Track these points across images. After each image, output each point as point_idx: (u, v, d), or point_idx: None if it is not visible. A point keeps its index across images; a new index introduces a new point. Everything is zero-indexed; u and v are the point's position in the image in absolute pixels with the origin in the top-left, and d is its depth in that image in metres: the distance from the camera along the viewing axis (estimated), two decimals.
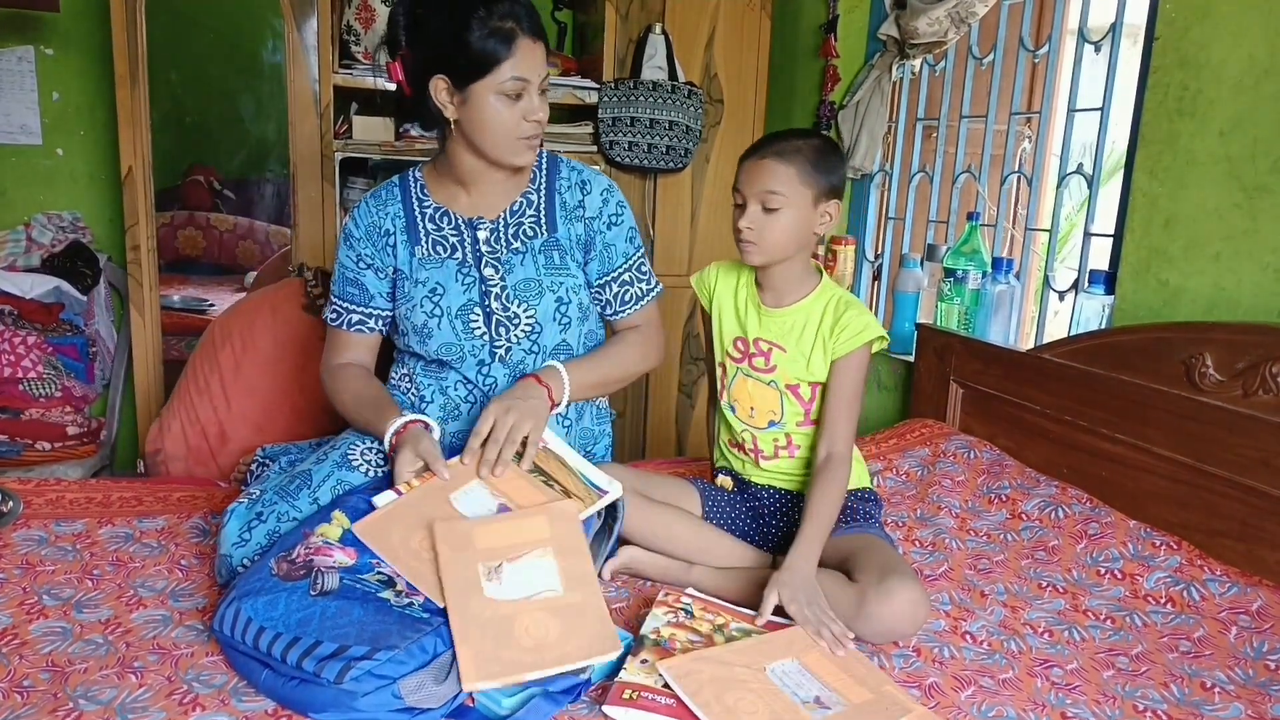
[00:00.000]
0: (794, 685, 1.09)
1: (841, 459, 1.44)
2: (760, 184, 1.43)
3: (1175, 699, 1.19)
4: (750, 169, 1.46)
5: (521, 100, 1.43)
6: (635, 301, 1.64)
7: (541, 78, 1.44)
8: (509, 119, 1.43)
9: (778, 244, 1.46)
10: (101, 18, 2.65)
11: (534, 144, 1.48)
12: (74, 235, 2.85)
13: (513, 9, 1.39)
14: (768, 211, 1.44)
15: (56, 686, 1.05)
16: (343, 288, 1.60)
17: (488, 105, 1.42)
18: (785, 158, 1.43)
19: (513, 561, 1.15)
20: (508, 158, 1.48)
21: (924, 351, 2.27)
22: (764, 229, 1.44)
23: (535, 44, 1.41)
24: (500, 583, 1.12)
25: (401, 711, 1.01)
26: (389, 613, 1.09)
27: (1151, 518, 1.63)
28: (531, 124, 1.45)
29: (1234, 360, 1.56)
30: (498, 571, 1.13)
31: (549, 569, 1.16)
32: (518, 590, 1.12)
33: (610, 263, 1.61)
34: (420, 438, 1.37)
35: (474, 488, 1.32)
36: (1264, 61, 1.60)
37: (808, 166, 1.43)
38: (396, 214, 1.57)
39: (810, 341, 1.50)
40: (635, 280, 1.63)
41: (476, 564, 1.13)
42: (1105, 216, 2.02)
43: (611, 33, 2.88)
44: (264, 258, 3.33)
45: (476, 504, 1.29)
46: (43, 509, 1.53)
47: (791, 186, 1.43)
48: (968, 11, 2.23)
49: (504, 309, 1.54)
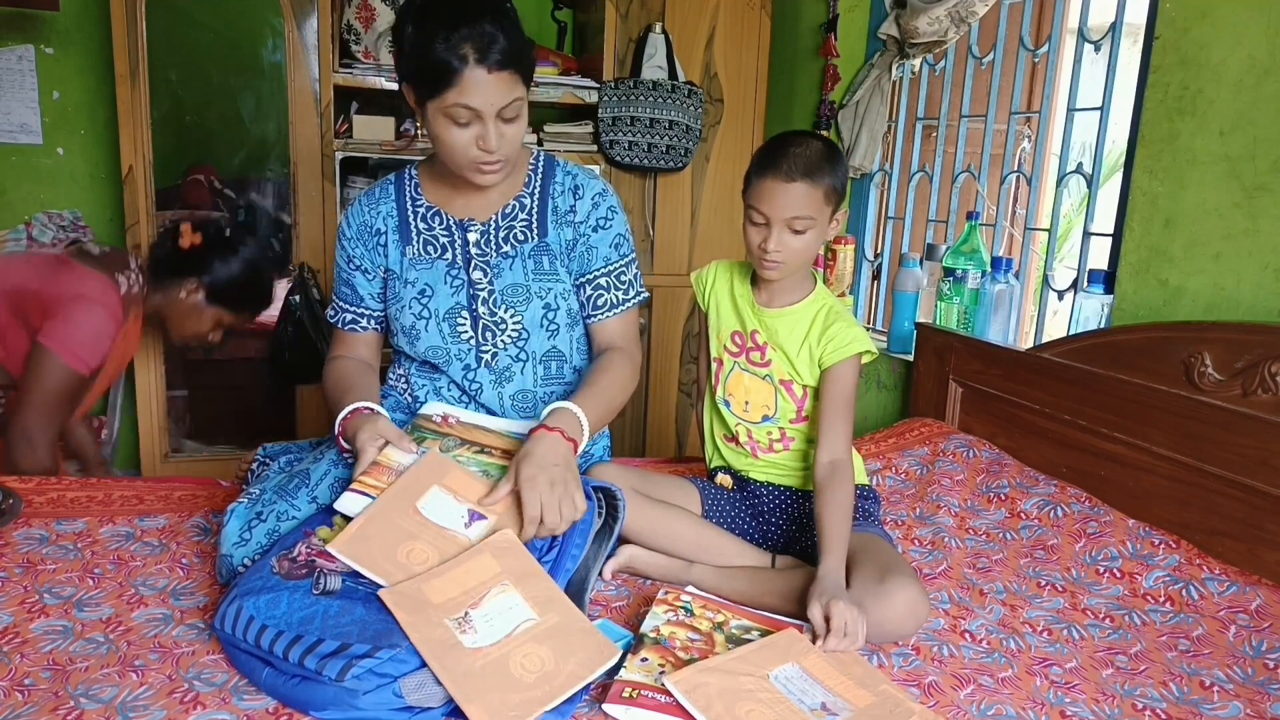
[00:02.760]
0: (799, 692, 1.09)
1: (845, 465, 1.44)
2: (792, 209, 1.41)
3: (1174, 697, 1.19)
4: (779, 192, 1.41)
5: (471, 127, 1.37)
6: (609, 308, 1.58)
7: (500, 107, 1.36)
8: (459, 142, 1.38)
9: (804, 261, 1.47)
10: (101, 17, 2.65)
11: (488, 170, 1.42)
12: (74, 234, 2.85)
13: (474, 34, 1.32)
14: (795, 234, 1.43)
15: (58, 685, 1.05)
16: (338, 287, 1.61)
17: (438, 124, 1.38)
18: (815, 179, 1.40)
19: (477, 607, 1.12)
20: (463, 175, 1.44)
21: (923, 351, 2.27)
22: (790, 250, 1.44)
23: (493, 74, 1.33)
24: (475, 631, 1.08)
25: (402, 710, 1.01)
26: (390, 611, 1.09)
27: (1151, 517, 1.63)
28: (482, 152, 1.39)
29: (1234, 360, 1.56)
30: (467, 621, 1.10)
31: (515, 602, 1.13)
32: (496, 632, 1.09)
33: (588, 264, 1.56)
34: (375, 419, 1.36)
35: (434, 495, 1.29)
36: (1264, 61, 1.60)
37: (832, 184, 1.42)
38: (389, 212, 1.56)
39: (798, 347, 1.51)
40: (612, 287, 1.58)
41: (443, 620, 1.09)
42: (1105, 216, 2.02)
43: (611, 32, 2.88)
44: None
45: (445, 512, 1.27)
46: (44, 508, 1.53)
47: (819, 207, 1.42)
48: (968, 11, 2.23)
49: (491, 314, 1.53)
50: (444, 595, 1.12)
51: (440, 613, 1.10)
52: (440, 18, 1.34)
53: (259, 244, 2.34)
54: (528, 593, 1.15)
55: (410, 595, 1.12)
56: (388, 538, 1.21)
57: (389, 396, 1.63)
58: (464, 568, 1.17)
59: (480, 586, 1.15)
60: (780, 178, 1.40)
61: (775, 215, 1.41)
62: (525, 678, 1.03)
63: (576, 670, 1.05)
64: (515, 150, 1.44)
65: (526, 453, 1.29)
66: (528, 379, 1.57)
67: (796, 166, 1.40)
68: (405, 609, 1.09)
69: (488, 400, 1.56)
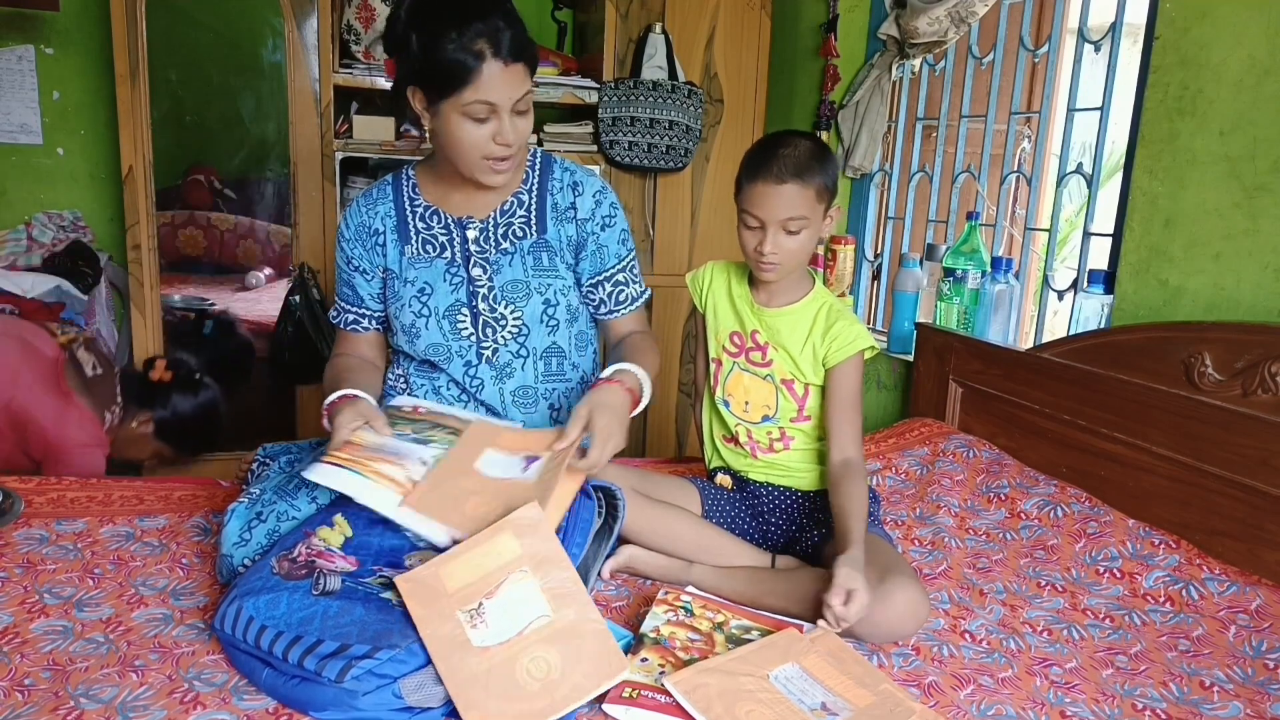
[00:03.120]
0: (799, 692, 1.09)
1: (858, 463, 1.44)
2: (784, 211, 1.40)
3: (1174, 697, 1.19)
4: (770, 194, 1.40)
5: (489, 123, 1.39)
6: (630, 302, 1.63)
7: (515, 100, 1.39)
8: (476, 139, 1.40)
9: (800, 261, 1.47)
10: (101, 17, 2.65)
11: (502, 166, 1.44)
12: (75, 234, 2.86)
13: (487, 29, 1.34)
14: (789, 234, 1.43)
15: (58, 685, 1.05)
16: (339, 288, 1.63)
17: (454, 123, 1.39)
18: (805, 180, 1.40)
19: (491, 598, 1.10)
20: (475, 175, 1.45)
21: (923, 351, 2.27)
22: (786, 251, 1.44)
23: (509, 67, 1.36)
24: (486, 625, 1.07)
25: (402, 711, 1.01)
26: (390, 612, 1.09)
27: (1151, 517, 1.63)
28: (499, 146, 1.41)
29: (1233, 360, 1.56)
30: (479, 614, 1.08)
31: (531, 592, 1.11)
32: (507, 629, 1.07)
33: (603, 263, 1.59)
34: (357, 402, 1.39)
35: (488, 456, 1.34)
36: (1264, 61, 1.60)
37: (823, 182, 1.42)
38: (387, 213, 1.57)
39: (800, 346, 1.51)
40: (630, 281, 1.63)
41: (455, 613, 1.07)
42: (1105, 216, 2.02)
43: (611, 32, 2.88)
44: (265, 257, 3.33)
45: (501, 467, 1.32)
46: (44, 508, 1.53)
47: (811, 206, 1.42)
48: (968, 11, 2.23)
49: (491, 310, 1.54)
50: (460, 581, 1.11)
51: (454, 603, 1.08)
52: (444, 18, 1.35)
53: (219, 392, 2.41)
54: (545, 582, 1.12)
55: (426, 583, 1.11)
56: (453, 495, 1.25)
57: (388, 396, 1.63)
58: (483, 548, 1.15)
59: (499, 571, 1.13)
60: (771, 180, 1.40)
61: (769, 218, 1.41)
62: (529, 685, 1.02)
63: (581, 683, 1.04)
64: (524, 145, 1.46)
65: (598, 403, 1.35)
66: (528, 374, 1.57)
67: (786, 168, 1.40)
68: (419, 600, 1.08)
69: (489, 397, 1.57)
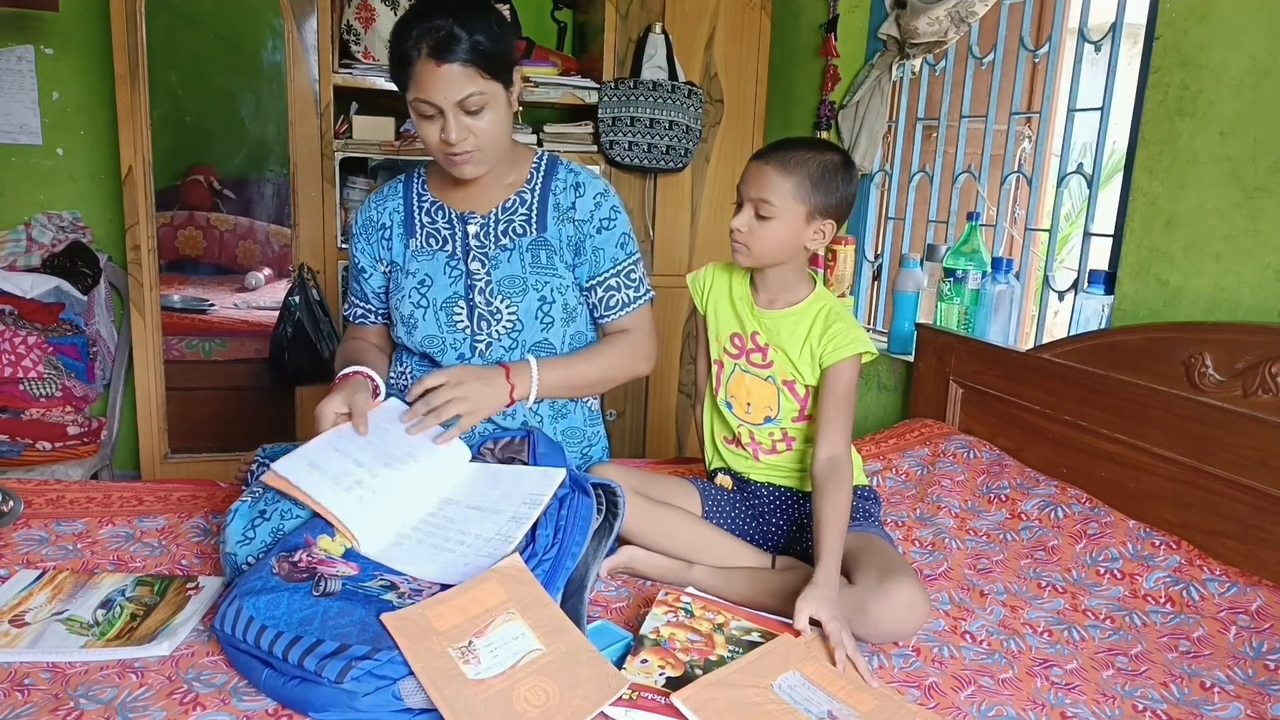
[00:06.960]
0: (804, 701, 1.08)
1: (843, 461, 1.43)
2: (757, 190, 1.43)
3: (1175, 699, 1.19)
4: (752, 172, 1.45)
5: (435, 120, 1.43)
6: (621, 308, 1.65)
7: (457, 99, 1.40)
8: (428, 136, 1.46)
9: (766, 250, 1.46)
10: (101, 17, 2.65)
11: (459, 159, 1.46)
12: (74, 235, 2.86)
13: (424, 29, 1.38)
14: (760, 218, 1.44)
15: (57, 686, 1.05)
16: (350, 283, 1.72)
17: (413, 117, 1.47)
18: (786, 169, 1.42)
19: (481, 636, 1.09)
20: (446, 168, 1.51)
21: (924, 351, 2.27)
22: (753, 234, 1.45)
23: (440, 67, 1.38)
24: (479, 662, 1.05)
25: (401, 712, 1.01)
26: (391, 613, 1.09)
27: (1151, 518, 1.63)
28: (445, 144, 1.44)
29: (1234, 360, 1.56)
30: (471, 650, 1.06)
31: (521, 631, 1.10)
32: (500, 663, 1.06)
33: (597, 267, 1.62)
34: (357, 389, 1.46)
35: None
36: (1264, 62, 1.60)
37: (806, 183, 1.42)
38: (396, 209, 1.64)
39: (799, 347, 1.51)
40: (623, 286, 1.64)
41: (446, 649, 1.06)
42: (1105, 216, 2.02)
43: (611, 32, 2.88)
44: (264, 258, 3.33)
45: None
46: (43, 509, 1.53)
47: (784, 199, 1.42)
48: (968, 11, 2.23)
49: (487, 303, 1.57)
50: (448, 622, 1.09)
51: (444, 640, 1.07)
52: (407, 16, 1.43)
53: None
54: (534, 621, 1.12)
55: (415, 621, 1.09)
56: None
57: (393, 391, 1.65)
58: (469, 594, 1.14)
59: (485, 614, 1.11)
60: (758, 158, 1.45)
61: (745, 193, 1.45)
62: (529, 712, 1.00)
63: (581, 705, 1.02)
64: (491, 143, 1.48)
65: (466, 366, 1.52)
66: None
67: (775, 151, 1.44)
68: (407, 635, 1.06)
69: None
